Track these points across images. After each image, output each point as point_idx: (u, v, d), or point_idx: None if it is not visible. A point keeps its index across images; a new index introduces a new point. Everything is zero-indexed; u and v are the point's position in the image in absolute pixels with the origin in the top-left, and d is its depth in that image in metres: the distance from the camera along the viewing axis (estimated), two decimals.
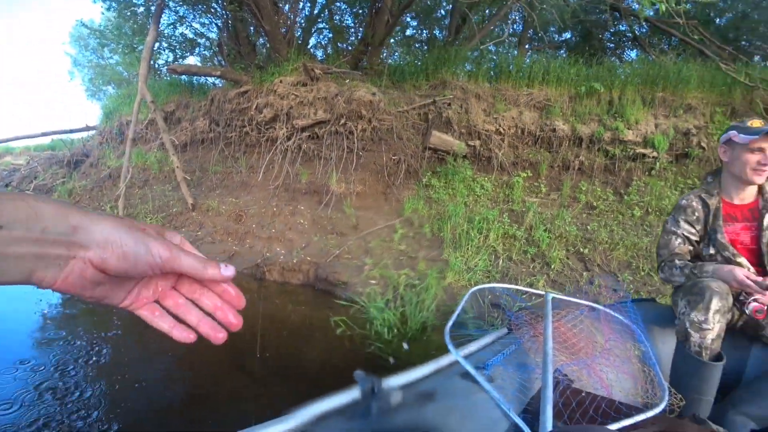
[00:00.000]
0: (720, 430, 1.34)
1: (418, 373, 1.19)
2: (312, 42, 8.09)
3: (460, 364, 1.24)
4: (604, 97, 4.86)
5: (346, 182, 4.70)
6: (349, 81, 5.31)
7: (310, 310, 3.59)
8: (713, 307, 1.39)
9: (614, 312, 1.56)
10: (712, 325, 1.39)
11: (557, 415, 1.02)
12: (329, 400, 0.95)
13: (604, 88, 4.88)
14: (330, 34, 8.21)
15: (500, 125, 4.80)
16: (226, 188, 5.39)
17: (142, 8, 6.97)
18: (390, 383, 1.03)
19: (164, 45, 7.73)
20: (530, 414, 1.05)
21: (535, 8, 5.38)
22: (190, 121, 6.45)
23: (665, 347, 1.61)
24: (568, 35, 9.39)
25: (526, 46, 7.87)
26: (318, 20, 7.89)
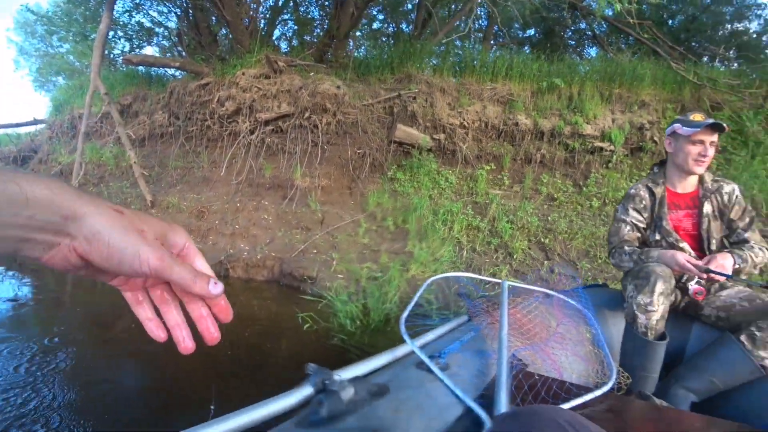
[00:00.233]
0: (663, 404, 1.40)
1: (372, 364, 1.18)
2: (276, 34, 7.92)
3: (416, 354, 1.23)
4: (565, 93, 4.99)
5: (311, 176, 4.63)
6: (314, 74, 5.22)
7: (276, 306, 3.54)
8: (657, 290, 1.46)
9: (567, 298, 1.59)
10: (657, 306, 1.46)
11: (511, 398, 1.03)
12: (279, 399, 0.92)
13: (565, 84, 5.01)
14: (295, 26, 8.06)
15: (464, 119, 4.85)
16: (187, 184, 5.21)
17: None
18: (342, 376, 1.01)
19: (119, 34, 7.38)
20: (486, 399, 1.06)
21: (498, 5, 5.45)
22: (148, 115, 6.18)
23: (616, 329, 1.67)
24: (531, 32, 9.60)
25: (491, 42, 7.99)
26: (283, 11, 7.72)
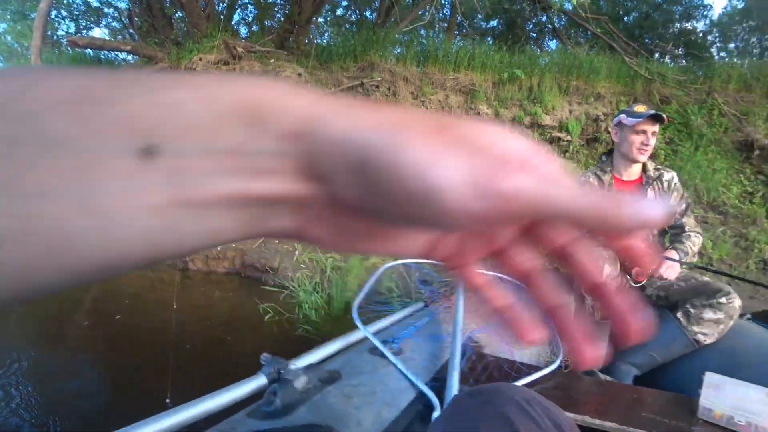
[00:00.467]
0: (607, 379, 1.47)
1: (325, 351, 1.17)
2: (235, 18, 7.64)
3: (370, 340, 1.23)
4: (525, 84, 5.09)
5: None
6: (275, 61, 5.09)
7: (238, 298, 3.47)
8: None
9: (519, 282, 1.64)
10: None
11: (464, 380, 1.05)
12: (231, 389, 0.89)
13: (525, 75, 5.11)
14: (255, 11, 7.81)
15: (427, 108, 4.86)
16: None
17: None
18: (297, 365, 0.99)
19: (64, 13, 6.91)
20: (439, 382, 1.07)
21: None
22: None
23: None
24: (494, 23, 9.73)
25: (454, 32, 8.03)
26: None
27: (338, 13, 9.21)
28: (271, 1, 7.84)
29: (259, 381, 0.93)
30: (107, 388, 2.21)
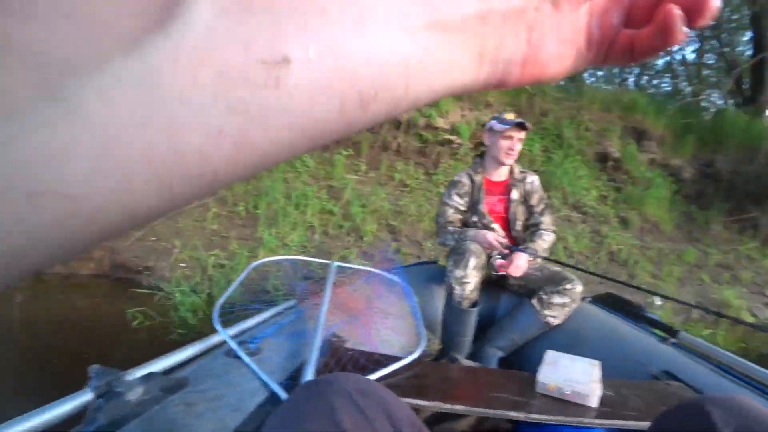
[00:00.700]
0: (472, 364, 1.53)
1: (177, 358, 1.05)
2: None
3: (228, 342, 1.15)
4: None
5: None
6: None
7: (104, 304, 3.07)
8: (471, 265, 1.64)
9: (391, 275, 1.68)
10: (471, 279, 1.64)
11: (320, 374, 1.01)
12: (50, 408, 0.75)
13: None
14: None
15: None
16: None
17: None
18: (134, 375, 0.87)
19: None
20: (295, 380, 1.02)
21: None
22: None
23: (441, 301, 1.81)
24: None
25: None
26: None
27: None
28: None
29: (84, 397, 0.80)
30: None
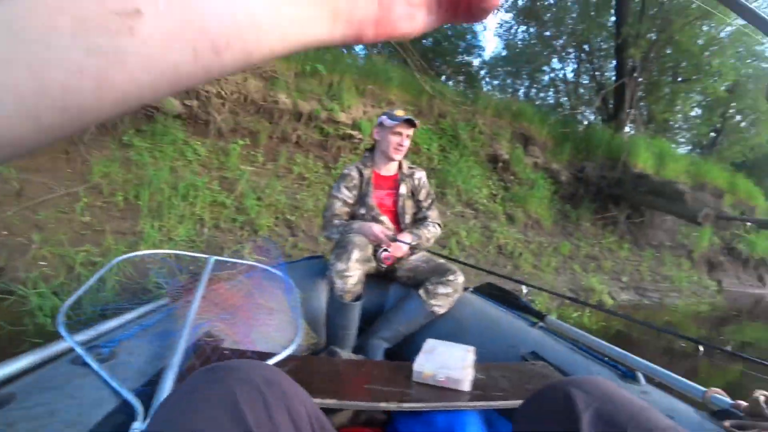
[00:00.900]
0: (353, 357, 1.51)
1: (8, 369, 0.86)
2: None
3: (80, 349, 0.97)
4: (326, 80, 5.19)
5: None
6: None
7: None
8: (353, 258, 1.61)
9: (273, 270, 1.60)
10: (353, 272, 1.61)
11: (182, 378, 0.89)
12: None
13: (327, 72, 5.20)
14: None
15: (222, 88, 4.46)
16: None
17: None
18: None
19: None
20: (153, 386, 0.89)
21: None
22: None
23: (326, 295, 1.76)
24: None
25: None
26: None
27: None
28: None
29: None
30: None
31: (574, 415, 0.53)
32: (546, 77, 12.94)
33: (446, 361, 1.11)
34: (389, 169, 1.93)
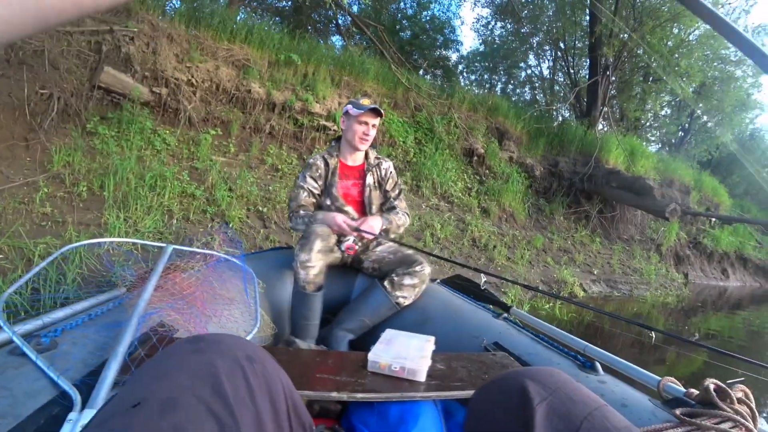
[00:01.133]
0: (312, 347, 1.49)
1: None
2: None
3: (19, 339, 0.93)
4: (301, 70, 5.11)
5: None
6: None
7: None
8: (316, 248, 1.60)
9: (234, 259, 1.57)
10: (315, 263, 1.60)
11: (126, 370, 0.87)
12: None
13: (302, 62, 5.12)
14: None
15: (194, 76, 4.34)
16: None
17: None
18: None
19: None
20: (95, 376, 0.86)
21: None
22: None
23: (292, 286, 1.73)
24: (285, 4, 9.58)
25: (242, 2, 7.50)
26: None
27: None
28: None
29: None
30: None
31: (528, 408, 0.52)
32: (522, 73, 13.12)
33: (403, 351, 1.10)
34: (355, 159, 1.90)
